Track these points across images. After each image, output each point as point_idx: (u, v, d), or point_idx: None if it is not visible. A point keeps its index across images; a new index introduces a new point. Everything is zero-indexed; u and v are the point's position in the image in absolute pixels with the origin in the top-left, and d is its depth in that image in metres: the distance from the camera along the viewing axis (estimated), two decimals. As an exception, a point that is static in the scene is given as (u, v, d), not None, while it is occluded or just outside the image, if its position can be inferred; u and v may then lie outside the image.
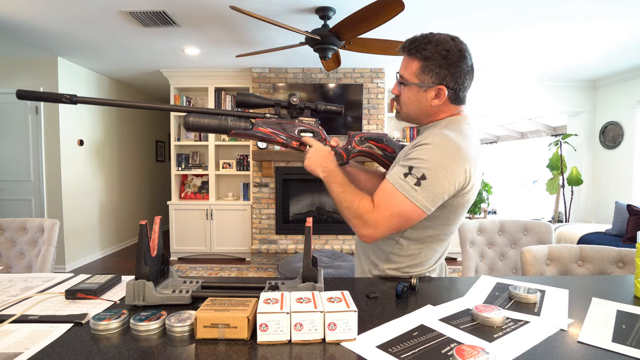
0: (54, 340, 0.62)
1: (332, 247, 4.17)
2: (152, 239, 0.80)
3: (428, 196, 0.82)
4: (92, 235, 4.29)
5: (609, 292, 0.85)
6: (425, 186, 0.81)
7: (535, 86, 4.51)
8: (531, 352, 0.58)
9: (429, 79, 0.88)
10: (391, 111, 4.35)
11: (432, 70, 0.88)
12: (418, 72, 0.89)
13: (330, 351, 0.59)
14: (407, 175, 0.83)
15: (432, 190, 0.82)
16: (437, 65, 0.87)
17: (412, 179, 0.82)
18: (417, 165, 0.83)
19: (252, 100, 0.97)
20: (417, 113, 0.94)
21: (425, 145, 0.84)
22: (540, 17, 2.69)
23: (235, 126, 0.95)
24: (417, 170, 0.82)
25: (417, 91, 0.91)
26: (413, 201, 0.82)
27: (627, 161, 4.11)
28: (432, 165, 0.82)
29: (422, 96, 0.91)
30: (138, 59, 3.79)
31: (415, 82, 0.90)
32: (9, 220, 1.58)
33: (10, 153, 3.70)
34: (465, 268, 1.61)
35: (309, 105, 1.00)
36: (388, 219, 0.84)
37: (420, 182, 0.82)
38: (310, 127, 1.00)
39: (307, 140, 0.98)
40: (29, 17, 2.71)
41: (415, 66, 0.89)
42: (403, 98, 0.94)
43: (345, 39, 2.46)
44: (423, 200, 0.82)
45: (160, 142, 6.04)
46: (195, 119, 0.93)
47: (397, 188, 0.84)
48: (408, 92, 0.93)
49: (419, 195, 0.82)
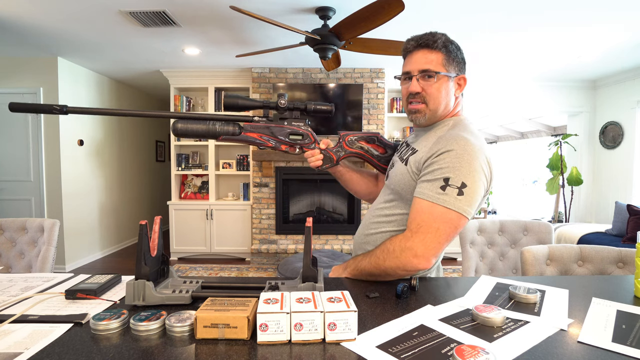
0: (54, 340, 0.62)
1: (332, 247, 4.17)
2: (152, 239, 0.80)
3: (471, 202, 0.82)
4: (92, 235, 4.29)
5: (609, 292, 0.85)
6: (468, 194, 0.81)
7: (535, 86, 4.51)
8: (531, 352, 0.58)
9: (454, 68, 0.91)
10: (391, 111, 4.35)
11: (454, 60, 0.91)
12: (444, 62, 0.90)
13: (330, 351, 0.59)
14: (446, 187, 0.82)
15: (474, 196, 0.82)
16: (456, 55, 0.91)
17: (453, 190, 0.81)
18: (453, 175, 0.82)
19: (240, 102, 0.96)
20: (445, 107, 0.94)
21: (449, 152, 0.83)
22: (540, 17, 2.69)
23: (224, 131, 0.94)
24: (456, 180, 0.81)
25: (447, 82, 0.91)
26: (458, 210, 0.81)
27: (627, 161, 4.11)
28: (467, 170, 0.82)
29: (449, 87, 0.92)
30: (138, 59, 3.79)
31: (445, 73, 0.90)
32: (9, 220, 1.58)
33: (10, 153, 3.71)
34: (465, 268, 1.61)
35: (298, 105, 0.98)
36: (435, 235, 0.82)
37: (462, 191, 0.81)
38: (299, 129, 0.98)
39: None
40: (29, 17, 2.71)
41: (439, 57, 0.90)
42: (432, 92, 0.92)
43: (345, 39, 2.46)
44: (467, 207, 0.82)
45: (160, 142, 6.04)
46: (183, 125, 0.92)
47: (438, 203, 0.82)
48: (438, 85, 0.91)
49: (463, 204, 0.81)
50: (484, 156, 0.84)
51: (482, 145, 0.86)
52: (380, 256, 0.87)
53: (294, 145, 0.99)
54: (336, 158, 1.02)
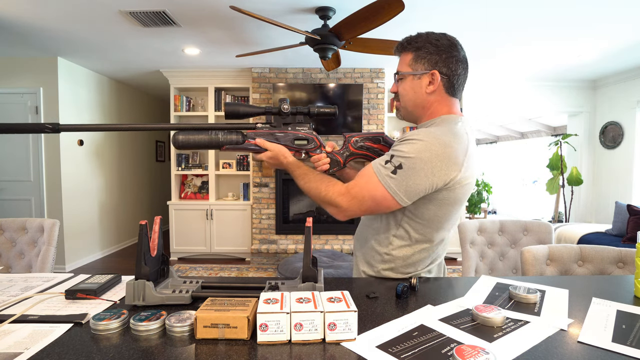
0: (54, 340, 0.62)
1: (332, 247, 4.17)
2: (152, 239, 0.80)
3: (401, 186, 0.84)
4: (92, 235, 4.29)
5: (609, 292, 0.85)
6: (400, 175, 0.83)
7: (535, 86, 4.51)
8: (531, 352, 0.58)
9: (422, 66, 0.91)
10: (391, 111, 4.35)
11: (424, 58, 0.90)
12: (411, 62, 0.92)
13: (330, 351, 0.59)
14: (387, 162, 0.85)
15: (406, 181, 0.83)
16: (428, 52, 0.90)
17: (390, 167, 0.85)
18: (397, 155, 0.85)
19: (242, 110, 0.94)
20: (414, 104, 0.94)
21: (410, 140, 0.85)
22: (540, 17, 2.69)
23: (227, 140, 0.93)
24: (396, 160, 0.84)
25: (411, 80, 0.93)
26: (386, 187, 0.84)
27: (627, 161, 4.11)
28: (412, 158, 0.83)
29: (417, 84, 0.92)
30: (138, 59, 3.79)
31: (409, 71, 0.92)
32: (9, 220, 1.58)
33: (10, 153, 3.70)
34: (465, 268, 1.61)
35: (301, 110, 0.97)
36: (361, 201, 0.87)
37: (396, 170, 0.84)
38: (304, 134, 0.97)
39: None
40: (29, 17, 2.71)
41: (408, 58, 0.93)
42: (400, 91, 0.96)
43: (345, 39, 2.46)
44: (395, 189, 0.84)
45: (160, 142, 6.04)
46: (184, 137, 0.91)
47: (375, 172, 0.86)
48: (404, 84, 0.94)
49: (392, 183, 0.84)
50: (446, 154, 0.83)
51: (452, 144, 0.84)
52: (320, 187, 0.92)
53: (299, 151, 0.98)
54: (343, 160, 1.01)
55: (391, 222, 0.95)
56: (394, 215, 0.94)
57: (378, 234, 0.98)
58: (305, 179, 0.95)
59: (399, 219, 0.93)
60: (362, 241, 1.04)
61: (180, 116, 4.48)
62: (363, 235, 1.04)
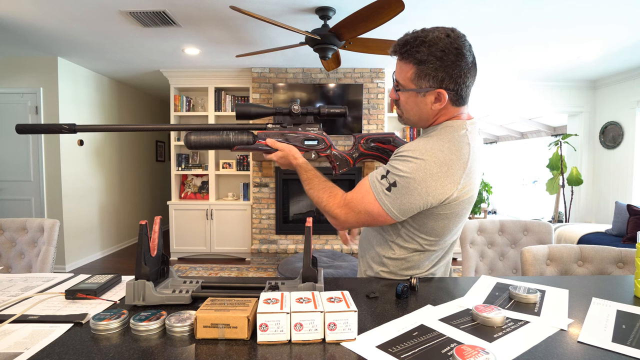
0: (54, 340, 0.62)
1: (332, 247, 4.17)
2: (152, 239, 0.80)
3: (395, 203, 0.83)
4: (92, 235, 4.29)
5: (609, 292, 0.85)
6: (394, 192, 0.83)
7: (535, 86, 4.51)
8: (531, 352, 0.58)
9: (427, 83, 0.83)
10: (391, 111, 4.35)
11: (428, 75, 0.82)
12: (413, 77, 0.84)
13: (330, 351, 0.59)
14: (384, 178, 0.85)
15: (400, 199, 0.82)
16: (433, 68, 0.81)
17: (385, 183, 0.84)
18: (392, 172, 0.83)
19: (253, 111, 0.95)
20: (419, 118, 0.91)
21: (406, 158, 0.83)
22: (540, 17, 2.69)
23: (238, 140, 0.94)
24: (391, 177, 0.83)
25: (415, 96, 0.87)
26: (381, 204, 0.84)
27: (627, 161, 4.11)
28: (406, 177, 0.81)
29: (422, 101, 0.86)
30: (138, 59, 3.79)
31: (412, 88, 0.86)
32: (9, 220, 1.58)
33: (10, 153, 3.71)
34: (465, 268, 1.61)
35: (312, 110, 0.97)
36: (357, 214, 0.88)
37: (390, 188, 0.83)
38: (314, 134, 0.98)
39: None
40: (29, 17, 2.71)
41: (410, 71, 0.84)
42: (402, 104, 0.91)
43: (345, 39, 2.46)
44: (389, 206, 0.83)
45: (160, 142, 6.04)
46: (196, 137, 0.92)
47: (371, 187, 0.86)
48: (407, 97, 0.89)
49: (386, 200, 0.84)
50: (443, 173, 0.81)
51: (450, 160, 0.81)
52: (323, 197, 0.93)
53: (309, 151, 0.99)
54: (352, 161, 1.01)
55: (393, 229, 0.95)
56: (395, 224, 0.93)
57: (381, 240, 0.98)
58: (310, 184, 0.95)
59: (399, 228, 0.93)
60: (366, 246, 1.04)
61: (180, 116, 4.48)
62: (367, 240, 1.04)
